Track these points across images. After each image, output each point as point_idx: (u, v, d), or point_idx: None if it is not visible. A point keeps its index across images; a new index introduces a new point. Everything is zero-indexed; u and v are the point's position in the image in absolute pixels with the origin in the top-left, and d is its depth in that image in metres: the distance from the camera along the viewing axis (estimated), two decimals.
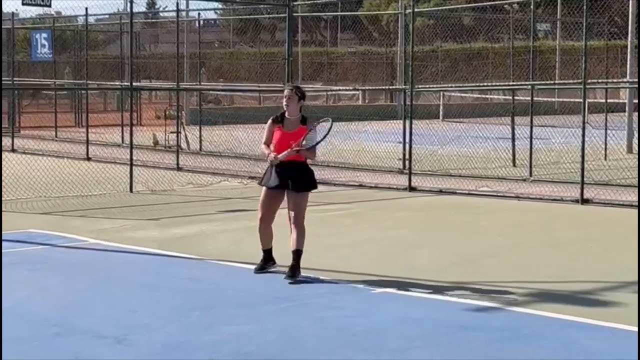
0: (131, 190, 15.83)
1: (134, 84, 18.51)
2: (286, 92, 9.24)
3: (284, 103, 9.20)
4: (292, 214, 8.98)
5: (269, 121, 9.37)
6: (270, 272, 9.08)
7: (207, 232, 11.76)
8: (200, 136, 23.49)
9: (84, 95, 29.52)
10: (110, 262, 9.97)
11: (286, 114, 9.22)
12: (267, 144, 9.32)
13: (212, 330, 7.04)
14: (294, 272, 8.77)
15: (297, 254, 8.85)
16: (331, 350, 6.58)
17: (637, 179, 16.65)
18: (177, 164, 19.75)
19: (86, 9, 26.89)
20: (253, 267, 9.41)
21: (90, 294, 8.37)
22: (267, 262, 9.18)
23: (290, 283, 8.64)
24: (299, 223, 8.95)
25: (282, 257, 9.05)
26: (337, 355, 6.46)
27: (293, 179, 9.04)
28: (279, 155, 9.01)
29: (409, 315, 7.55)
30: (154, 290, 8.52)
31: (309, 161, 9.35)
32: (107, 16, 39.56)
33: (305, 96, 9.28)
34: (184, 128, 23.00)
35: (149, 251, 10.37)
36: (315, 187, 9.35)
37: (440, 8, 37.92)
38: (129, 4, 18.51)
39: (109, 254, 10.37)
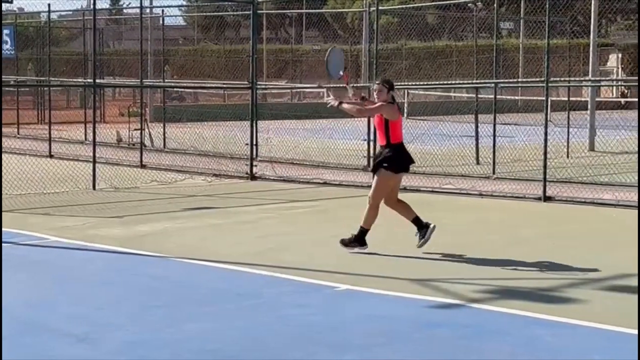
0: (94, 188, 15.73)
1: (97, 80, 18.39)
2: (375, 86, 10.14)
3: (375, 96, 10.03)
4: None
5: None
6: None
7: (170, 229, 11.71)
8: (165, 133, 23.39)
9: (46, 92, 29.28)
10: (73, 260, 9.90)
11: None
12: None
13: (176, 328, 7.01)
14: (346, 241, 9.93)
15: (359, 229, 9.89)
16: (295, 347, 6.57)
17: (597, 177, 16.83)
18: (141, 161, 19.64)
19: (49, 5, 26.73)
20: (217, 264, 9.40)
21: (53, 292, 8.30)
22: (421, 228, 9.99)
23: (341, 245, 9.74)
24: (369, 199, 9.95)
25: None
26: (301, 353, 6.45)
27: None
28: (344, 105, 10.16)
29: (374, 312, 7.56)
30: (117, 288, 8.46)
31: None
32: (70, 12, 39.28)
33: (394, 87, 10.05)
34: (147, 125, 22.90)
35: (112, 249, 10.30)
36: (383, 168, 9.92)
37: (404, 6, 38.04)
38: (92, 1, 18.37)
39: (71, 251, 10.29)
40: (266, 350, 6.51)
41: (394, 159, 9.93)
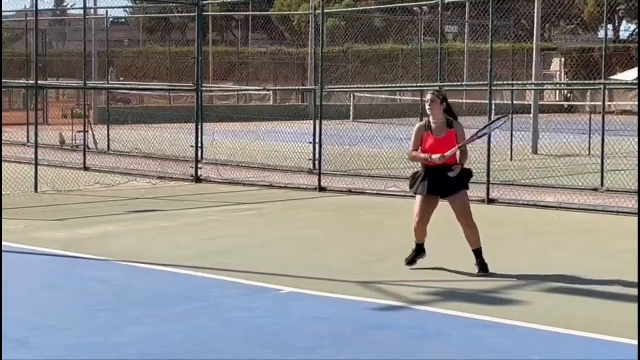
0: (36, 191, 15.55)
1: (40, 82, 18.18)
2: (429, 96, 9.36)
3: (427, 107, 9.31)
4: (459, 214, 9.43)
5: (417, 127, 9.57)
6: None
7: (114, 232, 11.62)
8: (109, 136, 23.20)
9: None
10: (14, 264, 9.76)
11: (431, 119, 9.35)
12: (416, 149, 9.44)
13: (120, 331, 6.96)
14: (482, 267, 9.10)
15: (477, 252, 9.21)
16: (240, 350, 6.57)
17: (540, 179, 17.05)
18: (84, 163, 19.47)
19: None
20: (161, 268, 9.36)
21: None
22: (418, 253, 9.50)
23: (481, 275, 9.01)
24: (467, 223, 9.38)
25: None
26: (246, 356, 6.45)
27: (448, 181, 9.31)
28: (446, 154, 9.16)
29: (318, 314, 7.58)
30: (60, 292, 8.39)
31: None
32: (12, 13, 38.72)
33: (447, 99, 9.41)
34: (91, 127, 22.69)
35: (55, 252, 10.20)
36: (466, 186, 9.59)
37: (351, 9, 38.18)
38: (34, 1, 18.17)
39: (12, 255, 10.14)
40: (211, 353, 6.49)
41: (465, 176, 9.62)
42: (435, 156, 9.18)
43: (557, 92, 46.20)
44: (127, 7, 45.22)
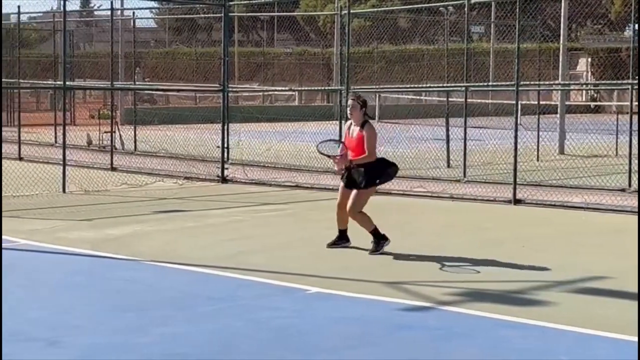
0: (64, 191, 15.64)
1: (67, 83, 18.28)
2: (350, 102, 10.35)
3: (348, 112, 10.33)
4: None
5: (345, 125, 10.73)
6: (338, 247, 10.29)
7: (141, 232, 11.67)
8: (135, 136, 23.30)
9: (16, 94, 29.07)
10: (42, 263, 9.84)
11: (352, 121, 10.37)
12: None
13: (145, 331, 6.99)
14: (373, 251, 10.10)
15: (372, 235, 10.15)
16: (265, 351, 6.57)
17: (566, 180, 16.95)
18: (111, 164, 19.56)
19: (18, 7, 26.51)
20: (187, 267, 9.40)
21: (21, 296, 8.24)
22: (340, 239, 10.43)
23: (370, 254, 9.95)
24: (350, 214, 10.23)
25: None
26: (272, 356, 6.45)
27: (352, 178, 10.28)
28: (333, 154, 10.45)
29: (344, 315, 7.57)
30: (87, 292, 8.42)
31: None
32: (40, 14, 39.00)
33: (367, 104, 10.39)
34: (118, 128, 22.80)
35: (82, 252, 10.25)
36: (366, 186, 10.25)
37: (376, 9, 38.11)
38: (62, 2, 18.27)
39: (40, 254, 10.23)
40: (236, 353, 6.50)
41: (379, 174, 10.39)
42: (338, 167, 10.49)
43: (584, 92, 45.93)
44: (153, 8, 45.40)
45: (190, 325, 7.16)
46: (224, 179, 17.61)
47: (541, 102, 24.49)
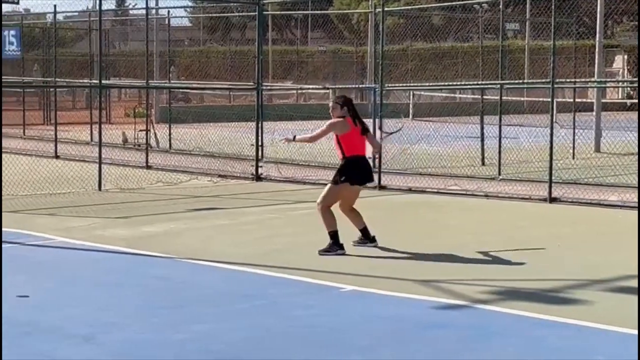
0: (100, 189, 15.76)
1: (103, 81, 18.41)
2: (330, 104, 10.59)
3: (331, 113, 10.48)
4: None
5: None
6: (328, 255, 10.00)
7: (176, 230, 11.73)
8: (170, 134, 23.42)
9: (52, 93, 29.33)
10: (79, 261, 9.92)
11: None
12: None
13: (180, 328, 7.02)
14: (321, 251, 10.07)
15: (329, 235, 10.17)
16: (299, 349, 6.58)
17: (603, 178, 16.82)
18: (147, 162, 19.68)
19: (55, 6, 26.76)
20: (222, 265, 9.44)
21: (58, 293, 8.32)
22: (364, 239, 10.44)
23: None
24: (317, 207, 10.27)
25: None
26: (305, 354, 6.46)
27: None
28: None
29: (378, 313, 7.56)
30: (123, 289, 8.48)
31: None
32: (76, 13, 39.33)
33: (349, 102, 10.45)
34: (153, 126, 22.93)
35: (118, 249, 10.32)
36: (336, 183, 10.24)
37: (410, 7, 38.02)
38: (98, 2, 18.40)
39: (77, 252, 10.31)
40: (271, 351, 6.51)
41: (348, 170, 10.18)
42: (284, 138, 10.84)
43: (620, 89, 45.52)
44: (187, 7, 45.55)
45: (224, 323, 7.19)
46: (258, 177, 17.65)
47: (577, 100, 24.30)
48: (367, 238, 10.43)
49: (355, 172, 10.21)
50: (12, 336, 6.75)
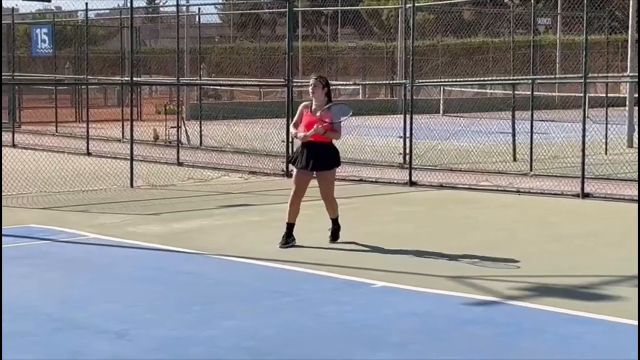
0: (132, 185, 15.83)
1: (134, 79, 18.49)
2: (311, 81, 10.39)
3: (310, 90, 10.36)
4: (322, 189, 10.40)
5: (301, 106, 10.54)
6: (292, 247, 10.08)
7: (207, 226, 11.76)
8: (201, 131, 23.49)
9: (84, 90, 29.51)
10: (111, 257, 9.97)
11: (313, 101, 10.37)
12: (296, 125, 10.46)
13: (212, 324, 7.03)
14: (334, 236, 10.41)
15: (334, 221, 10.45)
16: (330, 345, 6.56)
17: (637, 173, 16.65)
18: (178, 158, 19.74)
19: (86, 4, 26.88)
20: (253, 261, 9.44)
21: (90, 289, 8.36)
22: (289, 237, 10.20)
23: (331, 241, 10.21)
24: (328, 196, 10.39)
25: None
26: (337, 350, 6.45)
27: (318, 158, 10.24)
28: (307, 133, 10.24)
29: (410, 309, 7.53)
30: (154, 285, 8.51)
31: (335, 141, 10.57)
32: (107, 11, 39.53)
33: (329, 84, 10.45)
34: (184, 123, 22.99)
35: (150, 246, 10.36)
36: (338, 165, 10.53)
37: (440, 2, 37.87)
38: (129, 0, 18.48)
39: (109, 248, 10.36)
40: (302, 347, 6.51)
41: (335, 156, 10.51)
42: (300, 134, 10.32)
43: None
44: (217, 4, 45.63)
45: (256, 319, 7.19)
46: (288, 174, 17.65)
47: (609, 95, 24.09)
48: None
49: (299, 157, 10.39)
50: (44, 332, 6.80)
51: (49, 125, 28.39)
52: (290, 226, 10.25)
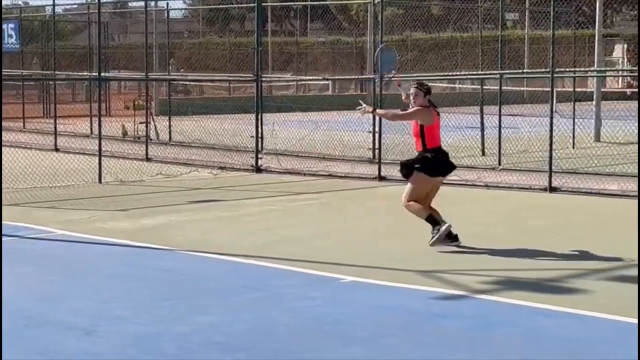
0: (100, 181, 15.76)
1: (102, 74, 18.39)
2: (412, 90, 10.23)
3: (411, 100, 10.19)
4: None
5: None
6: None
7: (176, 222, 11.74)
8: (170, 126, 23.42)
9: (52, 86, 29.30)
10: (80, 253, 9.93)
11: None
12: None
13: (183, 320, 7.03)
14: (433, 242, 9.72)
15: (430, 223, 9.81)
16: (302, 340, 6.59)
17: (603, 167, 16.81)
18: (147, 154, 19.68)
19: None
20: (223, 257, 9.44)
21: (60, 285, 8.33)
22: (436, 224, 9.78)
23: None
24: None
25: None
26: (308, 345, 6.47)
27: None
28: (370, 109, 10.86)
29: (380, 304, 7.57)
30: (125, 281, 8.49)
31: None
32: (75, 6, 39.27)
33: (431, 91, 10.34)
34: (153, 118, 22.92)
35: (119, 242, 10.33)
36: (416, 169, 9.97)
37: None
38: None
39: (78, 245, 10.32)
40: (274, 342, 6.53)
41: (429, 161, 9.99)
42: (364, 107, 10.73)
43: (620, 78, 45.47)
44: None
45: (227, 314, 7.20)
46: (258, 169, 17.65)
47: (577, 89, 24.29)
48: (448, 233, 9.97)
49: (437, 163, 10.09)
50: (13, 329, 6.76)
51: (16, 121, 28.17)
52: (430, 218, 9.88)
